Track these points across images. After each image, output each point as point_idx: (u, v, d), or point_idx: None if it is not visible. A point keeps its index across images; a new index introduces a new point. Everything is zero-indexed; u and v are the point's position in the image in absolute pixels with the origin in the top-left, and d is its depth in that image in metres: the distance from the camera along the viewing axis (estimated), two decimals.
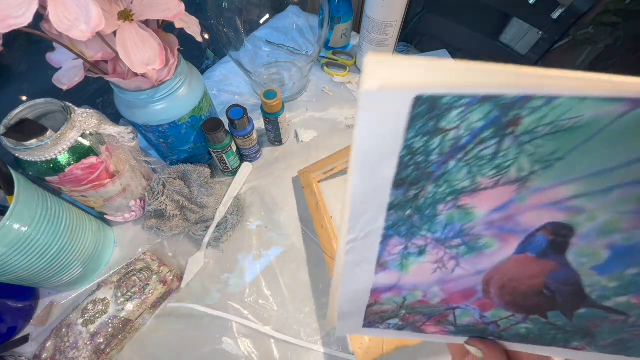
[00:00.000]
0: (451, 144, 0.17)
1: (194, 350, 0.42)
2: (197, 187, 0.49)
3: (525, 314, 0.25)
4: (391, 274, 0.24)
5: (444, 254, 0.23)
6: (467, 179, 0.19)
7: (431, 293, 0.25)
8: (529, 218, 0.20)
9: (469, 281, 0.24)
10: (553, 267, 0.23)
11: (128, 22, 0.32)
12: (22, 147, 0.33)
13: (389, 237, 0.22)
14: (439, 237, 0.22)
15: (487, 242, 0.22)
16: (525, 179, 0.18)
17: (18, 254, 0.34)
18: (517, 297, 0.24)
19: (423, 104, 0.15)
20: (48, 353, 0.37)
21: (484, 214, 0.20)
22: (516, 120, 0.16)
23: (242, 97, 0.66)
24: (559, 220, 0.20)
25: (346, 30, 0.70)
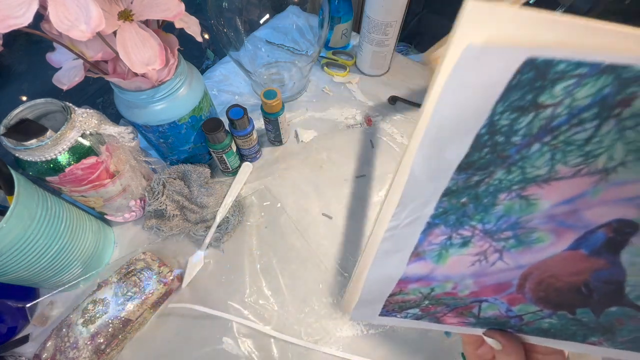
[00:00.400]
0: (542, 124, 0.14)
1: (194, 350, 0.42)
2: (197, 187, 0.49)
3: (553, 309, 0.24)
4: (425, 264, 0.22)
5: (488, 246, 0.21)
6: (546, 166, 0.16)
7: (462, 285, 0.23)
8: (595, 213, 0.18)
9: (506, 275, 0.22)
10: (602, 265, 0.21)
11: (128, 22, 0.32)
12: (22, 147, 0.33)
13: (434, 226, 0.20)
14: (490, 229, 0.20)
15: (539, 237, 0.20)
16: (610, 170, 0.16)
17: (18, 254, 0.34)
18: (551, 292, 0.23)
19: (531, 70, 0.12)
20: (48, 353, 0.37)
21: (548, 206, 0.18)
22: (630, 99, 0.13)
23: (242, 97, 0.66)
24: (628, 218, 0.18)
25: (346, 30, 0.70)
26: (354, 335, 0.42)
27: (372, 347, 0.42)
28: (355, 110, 0.63)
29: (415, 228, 0.20)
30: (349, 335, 0.42)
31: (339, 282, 0.46)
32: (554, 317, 0.24)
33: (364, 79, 0.69)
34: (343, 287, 0.46)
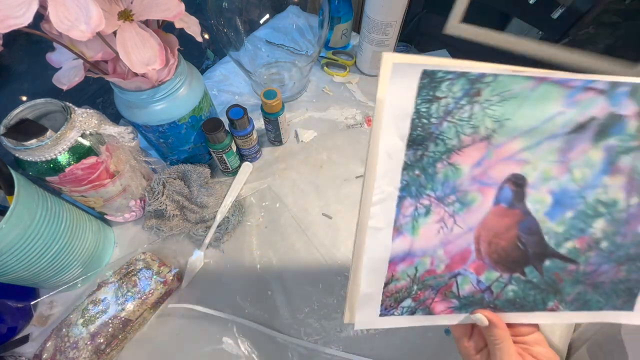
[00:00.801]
0: (443, 109, 0.24)
1: (194, 350, 0.42)
2: (197, 187, 0.49)
3: (509, 272, 0.30)
4: (405, 239, 0.28)
5: (444, 212, 0.28)
6: (455, 137, 0.26)
7: (437, 259, 0.29)
8: (497, 171, 0.27)
9: (464, 240, 0.29)
10: (520, 216, 0.28)
11: (128, 22, 0.32)
12: (22, 147, 0.33)
13: (403, 199, 0.27)
14: (439, 195, 0.27)
15: (472, 197, 0.27)
16: (489, 136, 0.26)
17: (18, 254, 0.34)
18: (501, 253, 0.29)
19: (426, 77, 0.23)
20: (48, 353, 0.37)
21: (468, 169, 0.27)
22: (479, 91, 0.24)
23: (242, 97, 0.66)
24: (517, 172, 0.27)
25: (346, 30, 0.70)
26: (354, 335, 0.42)
27: (372, 347, 0.42)
28: (355, 110, 0.63)
29: (391, 202, 0.27)
30: (349, 335, 0.42)
31: (339, 282, 0.46)
32: (513, 283, 0.30)
33: (364, 79, 0.69)
34: (343, 287, 0.46)
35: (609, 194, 0.29)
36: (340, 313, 0.44)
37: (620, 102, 0.25)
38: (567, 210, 0.29)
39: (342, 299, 0.45)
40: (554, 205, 0.28)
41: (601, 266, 0.31)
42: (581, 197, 0.28)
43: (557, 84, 0.25)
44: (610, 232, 0.30)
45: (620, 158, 0.27)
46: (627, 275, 0.31)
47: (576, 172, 0.28)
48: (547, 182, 0.28)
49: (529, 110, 0.25)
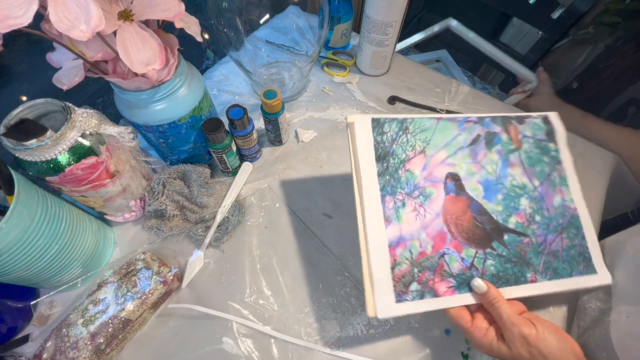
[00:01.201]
0: (390, 138, 0.40)
1: (194, 350, 0.42)
2: (197, 187, 0.49)
3: (482, 248, 0.38)
4: (394, 226, 0.37)
5: (414, 203, 0.39)
6: (402, 153, 0.40)
7: (423, 241, 0.37)
8: (438, 172, 0.40)
9: (437, 223, 0.38)
10: (467, 201, 0.39)
11: (128, 22, 0.32)
12: (22, 147, 0.33)
13: (384, 196, 0.38)
14: (407, 192, 0.39)
15: (430, 191, 0.39)
16: (423, 150, 0.40)
17: (18, 254, 0.34)
18: (467, 232, 0.38)
19: (374, 122, 0.40)
20: (48, 353, 0.37)
21: (419, 173, 0.39)
22: (407, 127, 0.41)
23: (242, 97, 0.66)
24: (450, 171, 0.40)
25: (346, 30, 0.70)
26: (354, 335, 0.42)
27: (372, 347, 0.42)
28: (355, 111, 0.63)
29: (377, 200, 0.38)
30: (349, 335, 0.42)
31: (339, 282, 0.46)
32: (489, 257, 0.38)
33: (363, 79, 0.69)
34: (343, 287, 0.46)
35: (518, 180, 0.41)
36: (340, 313, 0.44)
37: (490, 126, 0.43)
38: (497, 194, 0.40)
39: (342, 299, 0.45)
40: (485, 191, 0.40)
41: (547, 237, 0.40)
42: (500, 183, 0.41)
43: (449, 120, 0.42)
44: (535, 207, 0.41)
45: (509, 156, 0.42)
46: (570, 241, 0.41)
47: (488, 168, 0.41)
48: (473, 175, 0.40)
49: (439, 135, 0.41)
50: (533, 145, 0.43)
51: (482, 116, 0.43)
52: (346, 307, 0.44)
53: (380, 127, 0.40)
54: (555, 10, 0.88)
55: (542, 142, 0.43)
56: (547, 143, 0.44)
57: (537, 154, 0.43)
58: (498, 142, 0.42)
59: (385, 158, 0.39)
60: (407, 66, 0.72)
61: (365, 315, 0.44)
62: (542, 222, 0.40)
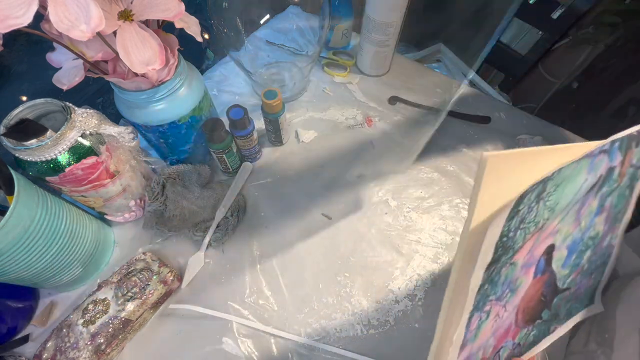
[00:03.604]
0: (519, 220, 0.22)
1: (194, 350, 0.41)
2: (197, 188, 0.49)
3: (533, 323, 0.31)
4: (467, 348, 0.26)
5: (499, 308, 0.27)
6: (521, 241, 0.24)
7: (488, 346, 0.28)
8: (539, 250, 0.27)
9: (510, 318, 0.29)
10: (547, 277, 0.30)
11: (128, 22, 0.32)
12: (22, 147, 0.33)
13: (471, 317, 0.25)
14: (499, 296, 0.26)
15: (520, 281, 0.27)
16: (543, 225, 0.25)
17: (18, 254, 0.34)
18: (532, 312, 0.30)
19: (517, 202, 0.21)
20: (48, 353, 0.37)
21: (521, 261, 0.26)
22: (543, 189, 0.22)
23: (242, 97, 0.66)
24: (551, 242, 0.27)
25: (346, 31, 0.70)
26: (353, 336, 0.42)
27: (372, 347, 0.42)
28: (356, 111, 0.63)
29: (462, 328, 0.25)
30: (349, 335, 0.42)
31: (339, 282, 0.46)
32: (534, 329, 0.31)
33: (364, 79, 0.69)
34: (343, 287, 0.46)
35: (595, 230, 0.31)
36: (340, 313, 0.44)
37: (615, 157, 0.27)
38: (573, 255, 0.30)
39: (342, 299, 0.45)
40: (568, 256, 0.30)
41: (581, 282, 0.34)
42: (582, 240, 0.30)
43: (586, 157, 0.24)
44: (590, 256, 0.33)
45: (607, 200, 0.30)
46: (595, 280, 0.35)
47: (582, 223, 0.29)
48: (565, 240, 0.29)
49: (569, 188, 0.24)
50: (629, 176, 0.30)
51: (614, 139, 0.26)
52: (346, 307, 0.44)
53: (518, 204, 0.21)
54: (555, 10, 0.88)
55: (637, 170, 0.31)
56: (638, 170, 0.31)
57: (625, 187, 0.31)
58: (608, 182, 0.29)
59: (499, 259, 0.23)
60: (408, 66, 0.71)
61: (365, 315, 0.44)
62: (586, 270, 0.32)
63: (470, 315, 0.24)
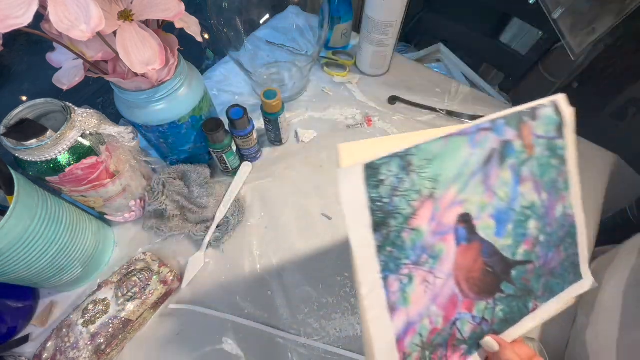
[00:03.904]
0: (389, 188, 0.27)
1: (194, 350, 0.42)
2: (197, 187, 0.49)
3: (491, 296, 0.32)
4: (401, 312, 0.29)
5: (423, 272, 0.29)
6: (407, 206, 0.28)
7: (434, 315, 0.30)
8: (447, 218, 0.30)
9: (448, 288, 0.30)
10: (479, 246, 0.32)
11: (128, 22, 0.32)
12: (22, 147, 0.33)
13: (386, 279, 0.28)
14: (414, 260, 0.29)
15: (439, 248, 0.30)
16: (432, 194, 0.29)
17: (18, 254, 0.34)
18: (479, 283, 0.32)
19: (368, 169, 0.26)
20: (48, 353, 0.37)
21: (426, 227, 0.29)
22: (409, 162, 0.28)
23: (242, 97, 0.66)
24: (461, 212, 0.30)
25: (346, 30, 0.70)
26: (353, 335, 0.42)
27: None
28: (355, 110, 0.63)
29: (379, 288, 0.28)
30: (349, 335, 0.42)
31: (339, 282, 0.46)
32: (498, 303, 0.32)
33: (363, 79, 0.69)
34: (343, 287, 0.46)
35: (527, 199, 0.34)
36: (340, 313, 0.44)
37: (504, 131, 0.32)
38: (507, 224, 0.33)
39: (342, 299, 0.45)
40: (497, 226, 0.32)
41: (548, 255, 0.35)
42: (511, 209, 0.33)
43: (459, 136, 0.30)
44: (541, 226, 0.34)
45: (521, 170, 0.33)
46: (566, 253, 0.36)
47: (500, 193, 0.32)
48: (485, 209, 0.32)
49: (450, 161, 0.30)
50: (544, 147, 0.35)
51: (495, 118, 0.32)
52: (346, 307, 0.44)
53: (376, 174, 0.27)
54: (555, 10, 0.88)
55: (554, 141, 0.35)
56: (556, 140, 0.35)
57: (547, 157, 0.35)
58: (511, 154, 0.33)
59: (385, 223, 0.28)
60: (407, 66, 0.72)
61: None
62: (545, 240, 0.35)
63: (383, 276, 0.28)
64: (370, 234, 0.27)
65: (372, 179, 0.27)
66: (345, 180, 0.27)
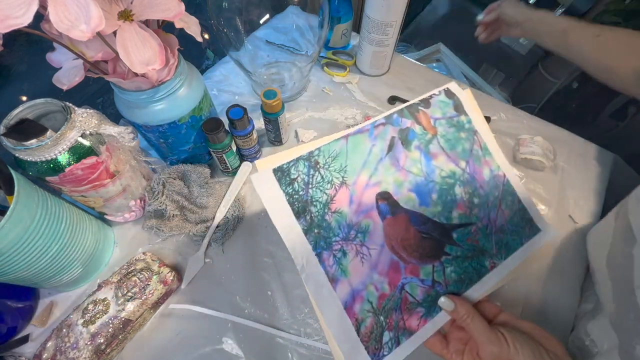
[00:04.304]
0: (302, 183, 0.33)
1: (195, 350, 0.42)
2: (196, 187, 0.49)
3: (436, 259, 0.36)
4: (343, 283, 0.33)
5: (355, 246, 0.34)
6: (323, 194, 0.34)
7: (378, 282, 0.34)
8: (366, 198, 0.35)
9: (386, 256, 0.35)
10: (406, 217, 0.36)
11: (128, 22, 0.33)
12: (22, 147, 0.33)
13: (320, 255, 0.33)
14: (343, 237, 0.34)
15: (365, 224, 0.34)
16: (343, 182, 0.34)
17: (18, 254, 0.34)
18: (418, 249, 0.35)
19: (277, 172, 0.32)
20: (48, 353, 0.37)
21: (347, 209, 0.34)
22: (316, 162, 0.34)
23: (242, 97, 0.66)
24: (378, 191, 0.35)
25: (346, 30, 0.70)
26: None
27: None
28: (355, 110, 0.63)
29: (313, 263, 0.33)
30: None
31: None
32: (447, 265, 0.36)
33: (363, 79, 0.69)
34: None
35: (445, 169, 0.38)
36: None
37: (400, 122, 0.38)
38: (431, 194, 0.37)
39: None
40: (420, 197, 0.37)
41: (490, 215, 0.39)
42: (431, 181, 0.37)
43: (357, 134, 0.36)
44: (471, 190, 0.39)
45: (429, 148, 0.38)
46: (510, 210, 0.40)
47: (414, 170, 0.37)
48: (402, 186, 0.36)
49: (354, 155, 0.35)
50: (447, 125, 0.40)
51: (389, 113, 0.38)
52: None
53: (286, 175, 0.33)
54: (555, 10, 0.88)
55: (454, 119, 0.41)
56: (458, 117, 0.41)
57: (453, 133, 0.40)
58: (414, 137, 0.38)
59: (305, 210, 0.33)
60: (407, 66, 0.72)
61: None
62: (481, 202, 0.39)
63: (316, 252, 0.33)
64: (294, 221, 0.33)
65: (285, 179, 0.33)
66: (259, 183, 0.33)
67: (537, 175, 0.55)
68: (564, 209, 0.52)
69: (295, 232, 0.33)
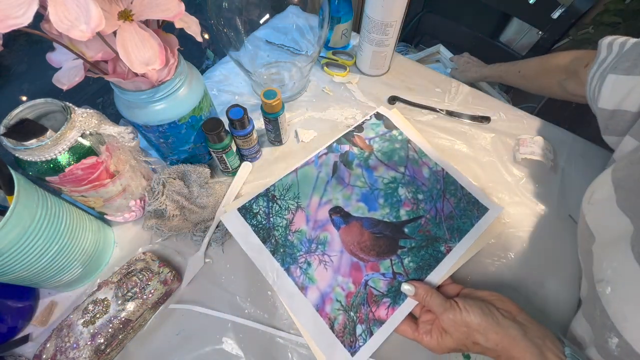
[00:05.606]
0: (263, 214, 0.44)
1: (194, 350, 0.42)
2: (196, 187, 0.49)
3: (393, 253, 0.41)
4: (312, 289, 0.40)
5: (317, 256, 0.41)
6: (282, 222, 0.44)
7: (343, 283, 0.40)
8: (321, 215, 0.44)
9: (345, 260, 0.41)
10: (358, 223, 0.43)
11: (128, 22, 0.32)
12: (22, 147, 0.33)
13: (288, 269, 0.41)
14: (306, 250, 0.42)
15: (323, 236, 0.43)
16: (299, 206, 0.45)
17: (18, 254, 0.34)
18: (374, 247, 0.41)
19: (242, 209, 0.45)
20: (48, 353, 0.37)
21: (305, 227, 0.43)
22: (273, 196, 0.46)
23: (242, 97, 0.66)
24: (330, 207, 0.45)
25: (346, 30, 0.70)
26: None
27: None
28: (355, 111, 0.63)
29: (283, 277, 0.41)
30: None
31: None
32: (404, 256, 0.41)
33: (363, 79, 0.69)
34: None
35: (387, 177, 0.46)
36: None
37: (338, 149, 0.50)
38: (378, 200, 0.44)
39: None
40: (368, 204, 0.44)
41: (436, 205, 0.44)
42: (376, 189, 0.45)
43: (305, 166, 0.47)
44: (413, 189, 0.45)
45: (368, 163, 0.47)
46: (455, 197, 0.45)
47: (359, 184, 0.46)
48: (350, 199, 0.45)
49: (304, 184, 0.45)
50: (380, 141, 0.49)
51: (329, 144, 0.49)
52: None
53: (249, 211, 0.43)
54: (555, 10, 0.88)
55: (386, 135, 0.50)
56: (390, 133, 0.50)
57: (388, 146, 0.48)
58: (353, 158, 0.48)
59: (270, 235, 0.42)
60: (407, 66, 0.72)
61: None
62: (425, 197, 0.45)
63: (285, 268, 0.41)
64: (262, 246, 0.42)
65: (249, 214, 0.43)
66: (229, 221, 0.43)
67: (537, 175, 0.55)
68: (564, 209, 0.52)
69: (265, 254, 0.41)
